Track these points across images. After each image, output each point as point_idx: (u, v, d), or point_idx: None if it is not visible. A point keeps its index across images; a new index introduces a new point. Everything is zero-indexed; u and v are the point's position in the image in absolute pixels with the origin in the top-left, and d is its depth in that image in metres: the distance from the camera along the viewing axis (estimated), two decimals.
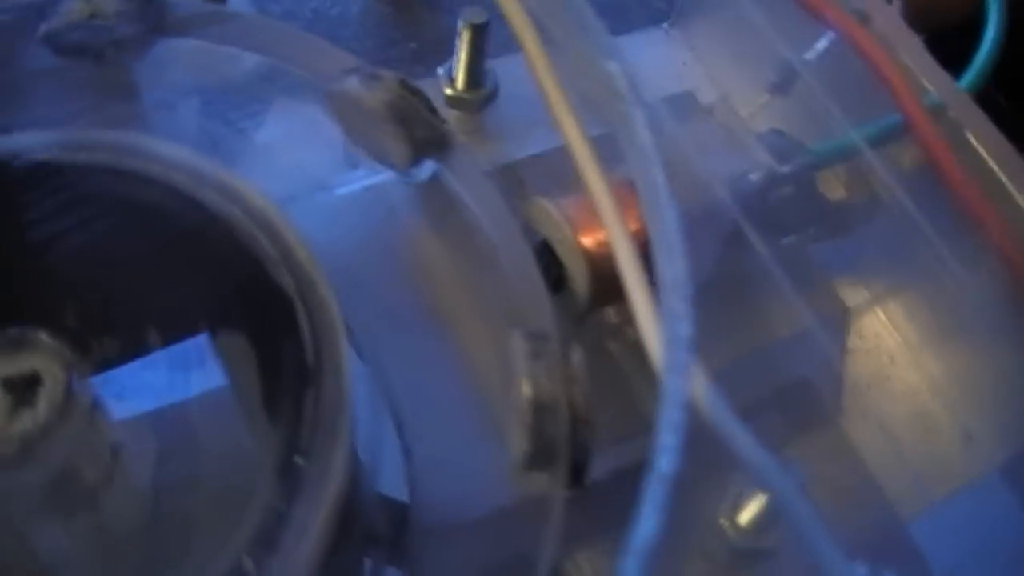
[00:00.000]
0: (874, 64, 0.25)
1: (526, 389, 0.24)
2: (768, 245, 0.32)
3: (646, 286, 0.21)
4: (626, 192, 0.24)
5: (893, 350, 0.34)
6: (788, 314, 0.32)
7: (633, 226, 0.24)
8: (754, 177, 0.28)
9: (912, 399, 0.33)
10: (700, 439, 0.22)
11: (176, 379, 0.24)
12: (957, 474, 0.33)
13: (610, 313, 0.32)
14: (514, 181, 0.33)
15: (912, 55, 0.26)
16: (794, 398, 0.31)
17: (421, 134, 0.27)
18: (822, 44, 0.30)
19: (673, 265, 0.19)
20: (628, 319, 0.29)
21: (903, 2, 0.37)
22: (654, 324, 0.20)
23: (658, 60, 0.38)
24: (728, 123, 0.30)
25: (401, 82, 0.28)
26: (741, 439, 0.19)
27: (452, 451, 0.28)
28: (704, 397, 0.19)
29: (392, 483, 0.28)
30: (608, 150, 0.25)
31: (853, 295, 0.35)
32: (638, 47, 0.38)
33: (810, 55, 0.31)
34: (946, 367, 0.33)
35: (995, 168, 0.25)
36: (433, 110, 0.28)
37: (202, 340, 0.24)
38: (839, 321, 0.32)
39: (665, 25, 0.39)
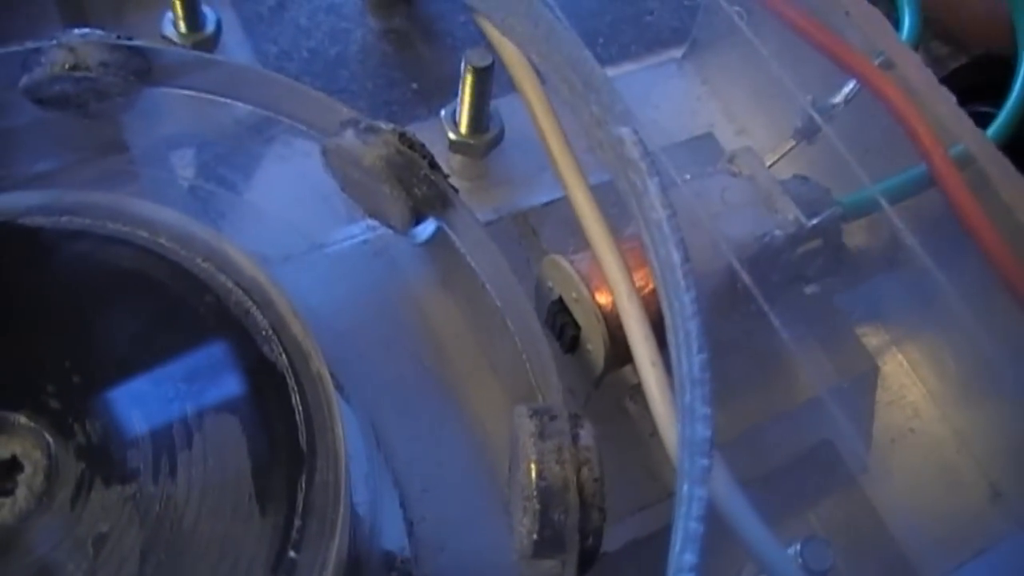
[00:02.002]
0: (897, 113, 0.24)
1: (533, 473, 0.22)
2: (795, 298, 0.30)
3: (662, 374, 0.19)
4: (639, 249, 0.23)
5: (917, 402, 0.32)
6: (816, 372, 0.31)
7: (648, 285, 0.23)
8: (782, 234, 0.26)
9: (937, 454, 0.32)
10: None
11: (161, 465, 0.23)
12: (984, 533, 0.31)
13: (629, 372, 0.30)
14: (527, 232, 0.32)
15: (938, 103, 0.24)
16: (819, 459, 0.30)
17: (420, 192, 0.26)
18: (850, 87, 0.29)
19: (691, 359, 0.17)
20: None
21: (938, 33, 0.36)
22: (670, 419, 0.18)
23: (673, 95, 0.37)
24: (752, 173, 0.28)
25: (400, 135, 0.26)
26: (762, 542, 0.18)
27: (458, 530, 0.27)
28: (723, 499, 0.18)
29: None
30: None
31: (876, 341, 0.33)
32: (651, 81, 0.37)
33: (837, 99, 0.29)
34: (972, 420, 0.32)
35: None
36: (434, 165, 0.26)
37: (188, 423, 0.23)
38: (868, 378, 0.30)
39: (679, 57, 0.37)
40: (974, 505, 0.32)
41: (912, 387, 0.33)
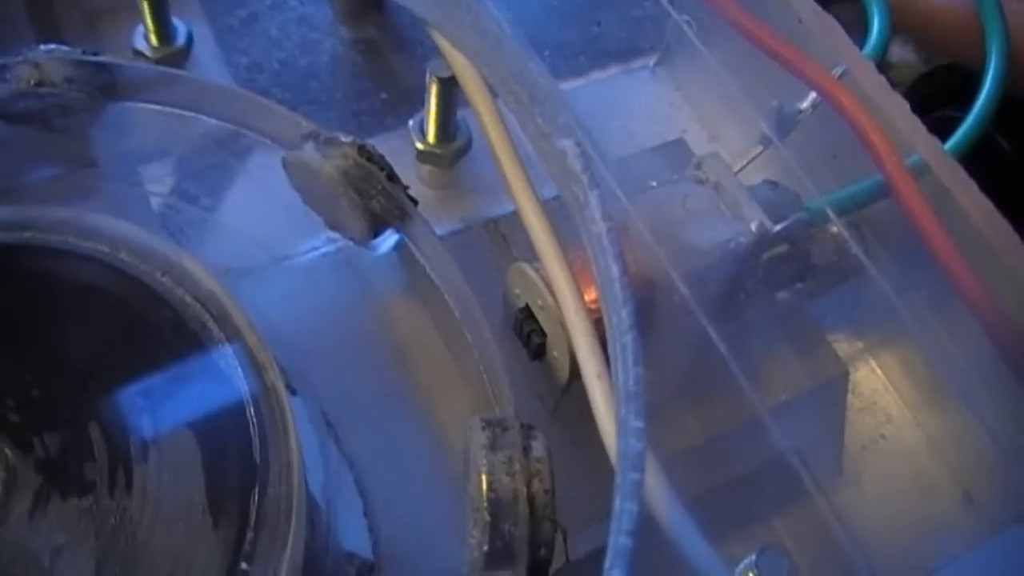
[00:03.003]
0: (854, 124, 0.24)
1: (483, 485, 0.22)
2: (764, 304, 0.30)
3: (607, 387, 0.19)
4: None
5: (890, 408, 0.33)
6: (786, 377, 0.31)
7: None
8: (746, 241, 0.26)
9: (909, 460, 0.32)
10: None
11: (118, 478, 0.23)
12: (956, 539, 0.31)
13: None
14: (497, 240, 0.32)
15: (895, 115, 0.24)
16: (787, 465, 0.30)
17: (379, 204, 0.26)
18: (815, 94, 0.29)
19: (627, 372, 0.18)
20: None
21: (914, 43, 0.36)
22: (613, 431, 0.19)
23: (646, 101, 0.37)
24: (719, 179, 0.28)
25: (359, 148, 0.27)
26: (701, 556, 0.18)
27: (421, 538, 0.27)
28: (665, 514, 0.18)
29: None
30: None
31: (848, 347, 0.33)
32: (625, 88, 0.37)
33: (804, 104, 0.29)
34: (945, 426, 0.32)
35: (979, 230, 0.24)
36: (392, 177, 0.26)
37: (145, 437, 0.23)
38: (838, 384, 0.31)
39: (651, 64, 0.37)
40: (946, 511, 0.32)
41: (884, 394, 0.33)
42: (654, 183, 0.28)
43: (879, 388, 0.33)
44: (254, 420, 0.24)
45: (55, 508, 0.23)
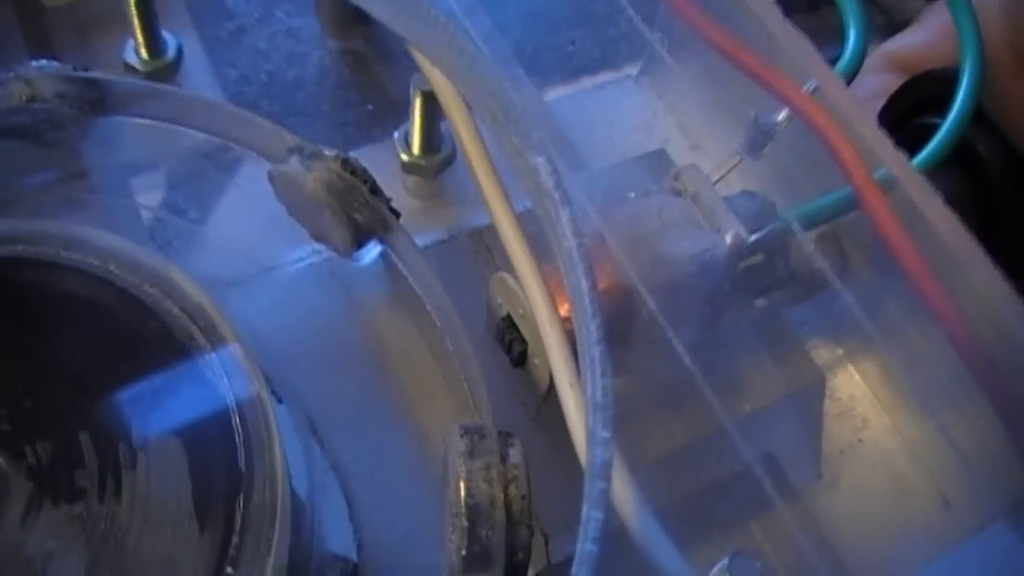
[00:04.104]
0: (824, 138, 0.25)
1: (461, 491, 0.23)
2: (742, 312, 0.31)
3: (580, 397, 0.20)
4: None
5: (867, 413, 0.33)
6: (764, 384, 0.32)
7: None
8: (721, 251, 0.27)
9: (887, 464, 0.33)
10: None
11: (107, 485, 0.24)
12: (934, 541, 0.32)
13: None
14: (481, 249, 0.33)
15: (865, 130, 0.25)
16: (765, 469, 0.31)
17: (361, 217, 0.27)
18: None
19: (595, 384, 0.19)
20: None
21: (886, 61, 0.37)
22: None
23: (629, 111, 0.38)
24: (697, 190, 0.29)
25: (343, 161, 0.27)
26: (670, 562, 0.19)
27: (406, 542, 0.28)
28: (634, 522, 0.19)
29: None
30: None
31: (827, 353, 0.34)
32: (608, 98, 0.38)
33: (780, 115, 0.30)
34: (922, 430, 0.33)
35: (945, 243, 0.25)
36: (375, 190, 0.27)
37: (133, 445, 0.24)
38: (816, 389, 0.32)
39: (635, 74, 0.38)
40: (924, 514, 0.33)
41: (862, 399, 0.34)
42: (632, 194, 0.29)
43: (857, 393, 0.34)
44: (239, 428, 0.25)
45: (47, 514, 0.24)
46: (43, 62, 0.30)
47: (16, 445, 0.24)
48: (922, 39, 0.40)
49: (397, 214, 0.28)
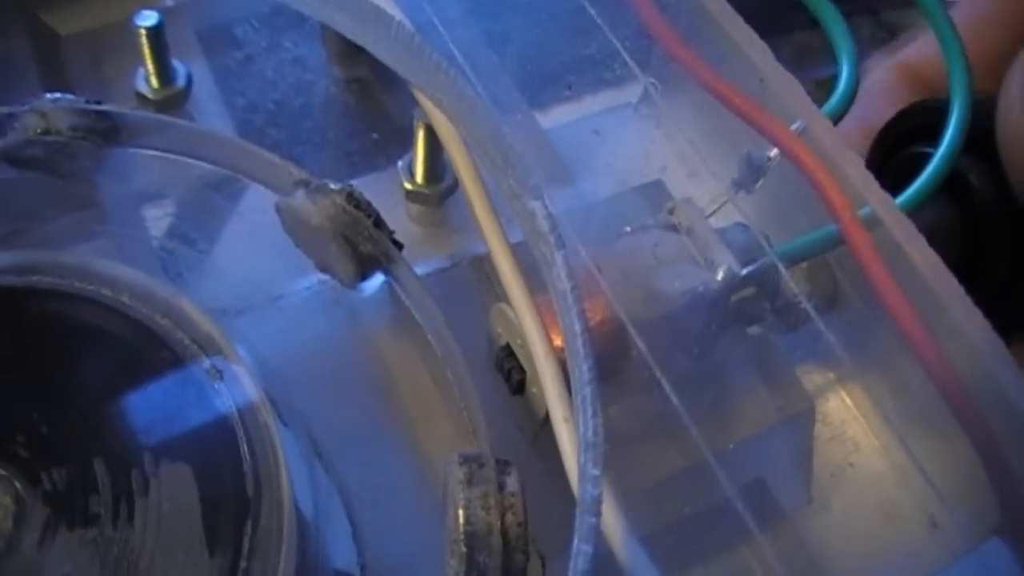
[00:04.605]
0: (809, 175, 0.26)
1: (460, 518, 0.25)
2: (736, 341, 0.32)
3: (574, 431, 0.22)
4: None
5: (858, 437, 0.35)
6: (757, 411, 0.33)
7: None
8: (712, 286, 0.29)
9: (877, 487, 0.34)
10: None
11: (120, 510, 0.25)
12: (922, 562, 0.33)
13: None
14: (482, 277, 0.34)
15: (850, 169, 0.26)
16: (756, 494, 0.32)
17: (365, 250, 0.28)
18: None
19: (586, 422, 0.20)
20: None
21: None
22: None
23: (628, 139, 0.39)
24: (691, 224, 0.30)
25: (348, 195, 0.29)
26: None
27: (408, 565, 0.29)
28: (624, 554, 0.20)
29: None
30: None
31: (819, 378, 0.35)
32: (608, 126, 0.39)
33: (773, 151, 0.31)
34: (910, 454, 0.34)
35: (927, 282, 0.26)
36: (378, 223, 0.29)
37: (146, 471, 0.26)
38: (806, 417, 0.33)
39: (634, 102, 0.39)
40: (912, 537, 0.34)
41: (853, 423, 0.35)
42: (628, 228, 0.30)
43: (848, 418, 0.35)
44: (247, 456, 0.26)
45: (62, 539, 0.25)
46: (57, 95, 0.31)
47: (33, 471, 0.25)
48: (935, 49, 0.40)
49: (400, 246, 0.29)
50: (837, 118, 0.30)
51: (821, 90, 0.69)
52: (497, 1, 0.34)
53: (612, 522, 0.22)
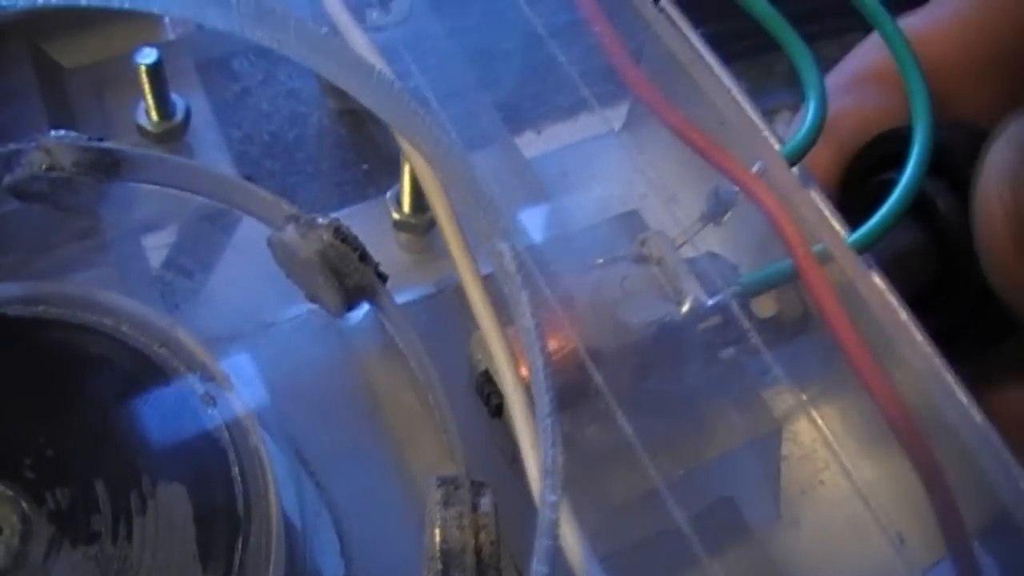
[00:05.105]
0: (770, 216, 0.28)
1: (437, 537, 0.27)
2: (707, 364, 0.34)
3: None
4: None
5: (828, 457, 0.36)
6: (726, 432, 0.35)
7: None
8: (677, 317, 0.31)
9: (846, 504, 0.36)
10: None
11: (120, 529, 0.27)
12: None
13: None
14: (466, 304, 0.36)
15: (805, 208, 0.28)
16: (724, 513, 0.34)
17: (351, 282, 0.30)
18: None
19: (546, 452, 0.22)
20: (575, 430, 0.33)
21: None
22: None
23: (610, 166, 0.41)
24: (661, 255, 0.32)
25: (335, 229, 0.31)
26: None
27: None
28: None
29: None
30: None
31: (791, 399, 0.37)
32: (591, 152, 0.41)
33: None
34: (878, 472, 0.36)
35: (876, 316, 0.28)
36: (364, 257, 0.31)
37: (143, 492, 0.28)
38: (774, 438, 0.35)
39: (616, 129, 0.41)
40: (880, 552, 0.35)
41: (823, 442, 0.37)
42: (600, 260, 0.32)
43: (818, 437, 0.37)
44: (238, 477, 0.28)
45: (66, 555, 0.27)
46: (61, 132, 0.33)
47: (39, 491, 0.28)
48: (929, 24, 0.40)
49: (384, 277, 0.31)
50: (804, 151, 0.32)
51: None
52: (476, 48, 0.36)
53: (572, 544, 0.24)
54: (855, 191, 0.40)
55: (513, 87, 0.41)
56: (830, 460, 0.37)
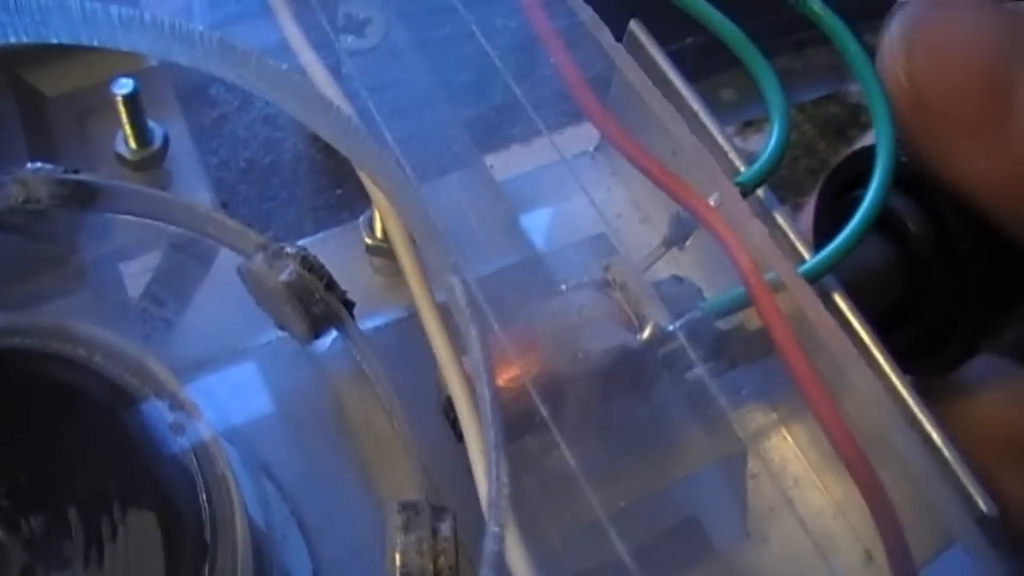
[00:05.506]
0: (721, 242, 0.29)
1: (396, 562, 0.28)
2: (673, 385, 0.35)
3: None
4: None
5: (798, 473, 0.37)
6: (693, 453, 0.36)
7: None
8: (637, 344, 0.32)
9: (815, 520, 0.37)
10: None
11: (91, 555, 0.29)
12: None
13: (530, 444, 0.35)
14: None
15: (755, 235, 0.29)
16: (693, 530, 0.35)
17: (317, 311, 0.31)
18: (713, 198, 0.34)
19: (491, 484, 0.23)
20: (546, 450, 0.34)
21: None
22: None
23: (585, 185, 0.42)
24: (626, 280, 0.33)
25: (303, 259, 0.32)
26: None
27: None
28: None
29: None
30: None
31: (762, 417, 0.38)
32: (566, 173, 0.42)
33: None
34: (847, 489, 0.36)
35: (825, 343, 0.29)
36: (330, 286, 0.32)
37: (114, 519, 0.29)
38: (739, 458, 0.36)
39: (591, 150, 0.42)
40: (848, 568, 0.37)
41: (794, 459, 0.38)
42: (564, 287, 0.33)
43: (788, 455, 0.38)
44: (205, 504, 0.29)
45: None
46: (38, 164, 0.34)
47: (13, 519, 0.29)
48: None
49: (351, 305, 0.33)
50: (763, 178, 0.33)
51: (802, 114, 0.71)
52: (449, 66, 0.37)
53: (521, 571, 0.25)
54: (828, 207, 0.41)
55: (487, 107, 0.42)
56: (800, 477, 0.38)
